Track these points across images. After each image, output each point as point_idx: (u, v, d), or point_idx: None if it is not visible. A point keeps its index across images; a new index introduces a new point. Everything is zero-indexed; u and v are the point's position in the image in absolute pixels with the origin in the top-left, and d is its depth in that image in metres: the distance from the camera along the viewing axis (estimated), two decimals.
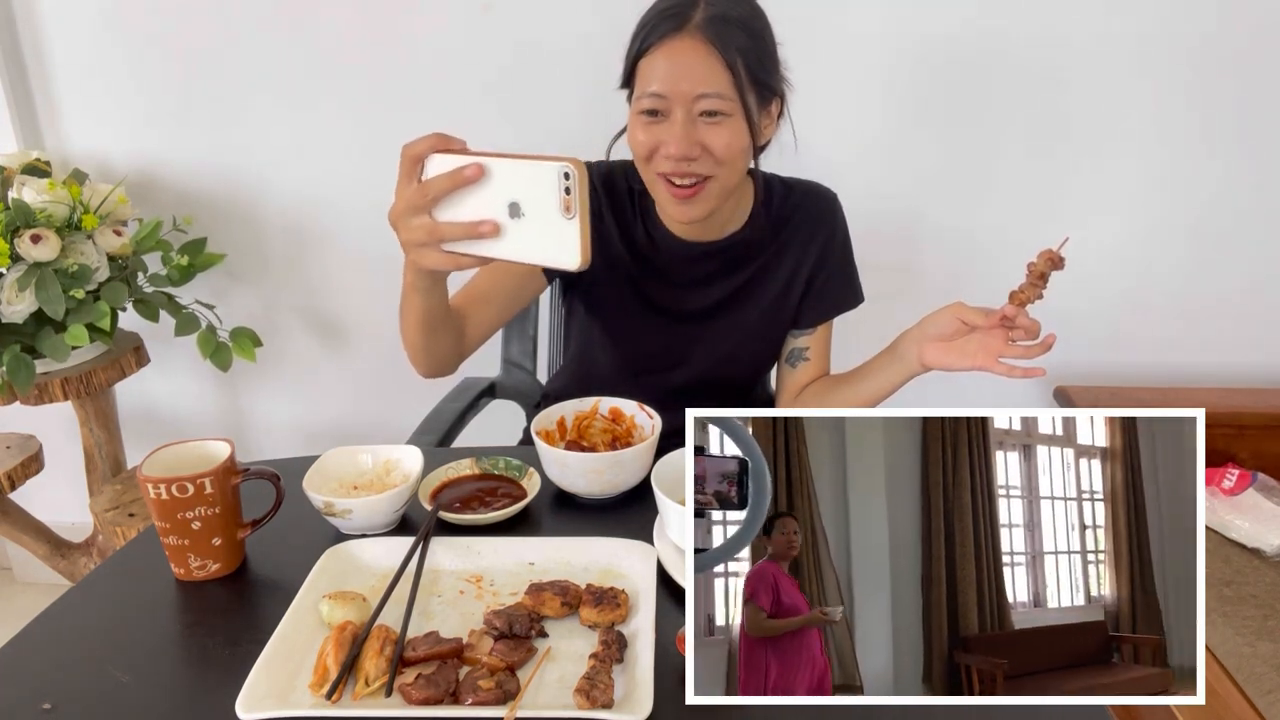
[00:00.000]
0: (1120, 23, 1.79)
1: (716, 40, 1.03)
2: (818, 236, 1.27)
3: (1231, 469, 1.67)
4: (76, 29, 1.89)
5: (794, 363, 1.33)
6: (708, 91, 1.04)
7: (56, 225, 1.69)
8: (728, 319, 1.28)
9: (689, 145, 1.06)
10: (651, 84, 1.06)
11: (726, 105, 1.06)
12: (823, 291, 1.29)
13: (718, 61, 1.04)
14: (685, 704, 0.68)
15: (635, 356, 1.29)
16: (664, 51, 1.05)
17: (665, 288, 1.27)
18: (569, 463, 1.03)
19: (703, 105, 1.05)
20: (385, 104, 1.91)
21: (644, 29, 1.08)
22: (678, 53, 1.04)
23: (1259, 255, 1.96)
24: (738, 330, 1.29)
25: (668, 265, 1.26)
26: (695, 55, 1.04)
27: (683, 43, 1.04)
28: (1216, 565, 1.54)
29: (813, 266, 1.28)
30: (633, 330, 1.30)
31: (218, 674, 0.78)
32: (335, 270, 2.07)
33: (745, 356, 1.32)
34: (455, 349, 1.17)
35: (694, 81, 1.04)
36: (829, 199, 1.30)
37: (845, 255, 1.31)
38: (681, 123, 1.05)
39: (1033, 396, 2.11)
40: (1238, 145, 1.87)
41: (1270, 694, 1.29)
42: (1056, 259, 1.02)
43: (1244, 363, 2.05)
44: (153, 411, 2.24)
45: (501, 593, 0.89)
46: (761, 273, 1.27)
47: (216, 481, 0.89)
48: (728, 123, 1.07)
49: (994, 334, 1.06)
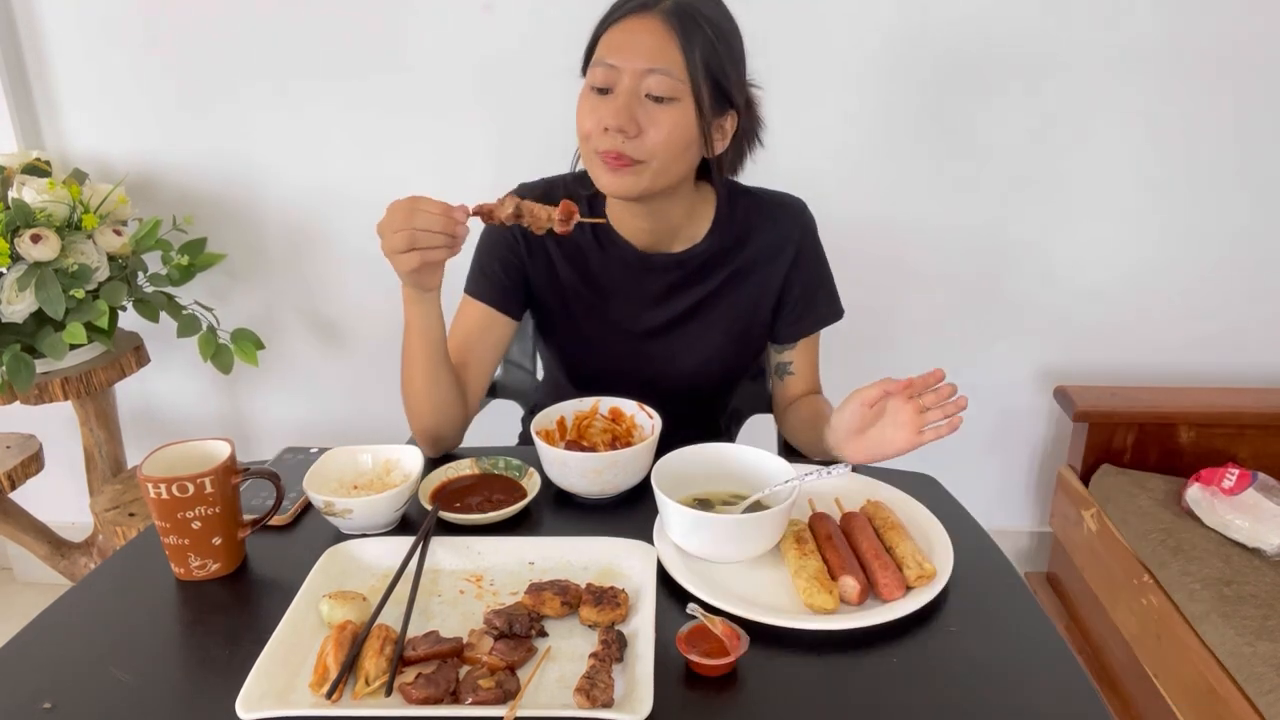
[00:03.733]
0: (1117, 21, 1.79)
1: (678, 25, 1.02)
2: (786, 248, 1.23)
3: (1231, 469, 1.67)
4: (76, 29, 1.89)
5: (780, 376, 1.31)
6: (657, 67, 1.02)
7: (56, 225, 1.69)
8: (690, 334, 1.25)
9: (626, 118, 1.02)
10: (605, 55, 1.04)
11: (675, 88, 1.02)
12: (798, 306, 1.25)
13: (674, 43, 1.02)
14: (685, 702, 0.68)
15: (599, 376, 1.25)
16: (623, 26, 1.04)
17: (623, 304, 1.24)
18: (569, 463, 1.03)
19: (650, 83, 1.02)
20: (385, 104, 1.91)
21: (609, 12, 1.07)
22: (636, 28, 1.03)
23: (1259, 255, 1.97)
24: (703, 345, 1.25)
25: (624, 279, 1.23)
26: (653, 32, 1.02)
27: (644, 21, 1.03)
28: (1216, 565, 1.54)
29: (783, 280, 1.24)
30: (593, 352, 1.28)
31: (218, 674, 0.78)
32: (335, 270, 2.07)
33: (713, 371, 1.28)
34: (459, 404, 1.15)
35: (647, 55, 1.02)
36: (797, 208, 1.26)
37: (818, 267, 1.27)
38: (624, 94, 1.03)
39: (1033, 396, 2.11)
40: (1238, 145, 1.88)
41: (1270, 694, 1.29)
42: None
43: (1244, 363, 2.05)
44: (153, 411, 2.24)
45: (501, 592, 0.89)
46: (726, 286, 1.23)
47: (216, 481, 0.89)
48: (673, 108, 1.03)
49: (903, 409, 1.02)
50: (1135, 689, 1.70)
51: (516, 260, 1.23)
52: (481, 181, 1.90)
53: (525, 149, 1.91)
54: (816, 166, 1.91)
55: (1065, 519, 1.97)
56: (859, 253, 1.97)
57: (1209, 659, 1.42)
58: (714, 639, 0.78)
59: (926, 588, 0.87)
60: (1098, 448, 1.92)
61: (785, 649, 0.81)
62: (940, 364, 2.20)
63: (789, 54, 1.81)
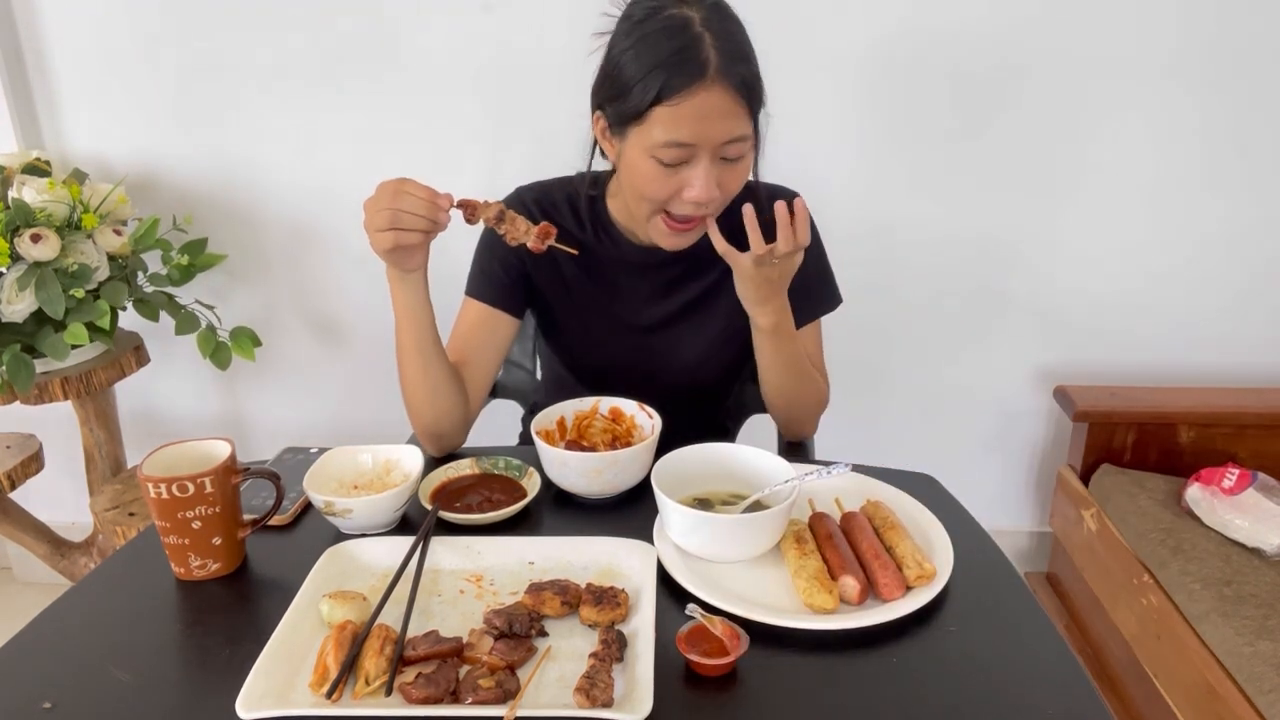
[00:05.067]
0: (1116, 22, 1.79)
1: (739, 86, 1.01)
2: None
3: (1231, 469, 1.67)
4: (76, 29, 1.88)
5: None
6: (736, 137, 1.04)
7: (56, 225, 1.69)
8: (692, 327, 1.26)
9: (713, 190, 1.06)
10: (678, 134, 1.02)
11: (747, 145, 1.06)
12: (797, 295, 1.24)
13: (743, 108, 1.03)
14: (685, 702, 0.68)
15: (602, 373, 1.26)
16: (692, 104, 1.01)
17: (625, 299, 1.25)
18: (569, 463, 1.03)
19: (728, 151, 1.05)
20: (385, 104, 1.91)
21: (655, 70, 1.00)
22: (706, 104, 1.01)
23: (1259, 256, 1.97)
24: (704, 338, 1.27)
25: (626, 274, 1.24)
26: (723, 104, 1.01)
27: (710, 94, 1.00)
28: (1216, 565, 1.54)
29: None
30: (596, 347, 1.28)
31: (218, 674, 0.78)
32: (335, 270, 2.07)
33: (714, 364, 1.30)
34: (457, 396, 1.15)
35: (724, 130, 1.03)
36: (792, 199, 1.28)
37: (816, 256, 1.27)
38: (707, 169, 1.05)
39: (1033, 397, 2.11)
40: (1237, 146, 1.88)
41: (1270, 694, 1.29)
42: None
43: (1244, 363, 2.05)
44: (153, 411, 2.24)
45: (501, 592, 0.89)
46: (726, 279, 1.22)
47: (216, 481, 0.89)
48: (743, 162, 1.08)
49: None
50: (1135, 689, 1.70)
51: (515, 259, 1.24)
52: (480, 182, 1.89)
53: (524, 150, 1.92)
54: (815, 167, 1.91)
55: (1065, 519, 1.97)
56: (859, 253, 1.98)
57: (1209, 659, 1.42)
58: (714, 639, 0.78)
59: (926, 587, 0.87)
60: (1098, 448, 1.92)
61: (785, 649, 0.81)
62: (940, 363, 2.21)
63: (787, 54, 1.81)
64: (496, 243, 1.24)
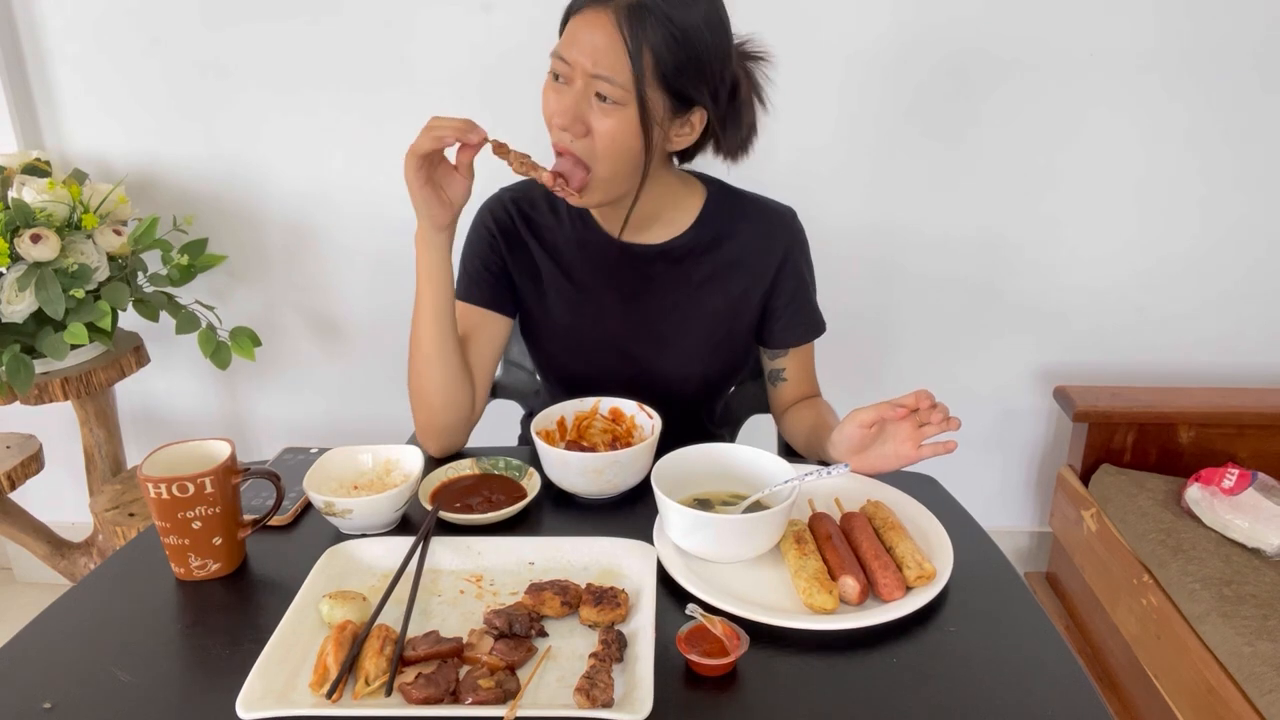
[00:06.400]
0: (1114, 21, 1.79)
1: (628, 27, 0.99)
2: (773, 254, 1.22)
3: (1231, 469, 1.67)
4: (77, 29, 1.88)
5: (774, 382, 1.31)
6: (601, 74, 1.01)
7: (56, 225, 1.69)
8: (670, 335, 1.24)
9: (572, 119, 1.04)
10: (561, 47, 1.04)
11: (619, 94, 1.01)
12: (786, 314, 1.25)
13: (622, 47, 1.00)
14: (685, 702, 0.68)
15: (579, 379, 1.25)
16: (581, 19, 1.02)
17: (602, 298, 1.23)
18: (569, 463, 1.03)
19: (599, 86, 1.02)
20: (385, 104, 1.91)
21: None
22: (590, 25, 1.01)
23: (1258, 256, 1.97)
24: (681, 350, 1.24)
25: (603, 271, 1.22)
26: (603, 34, 1.00)
27: (598, 17, 1.00)
28: (1216, 565, 1.54)
29: (769, 286, 1.23)
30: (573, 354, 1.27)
31: (218, 674, 0.78)
32: (335, 270, 2.07)
33: (693, 377, 1.27)
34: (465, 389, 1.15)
35: (594, 58, 1.01)
36: (784, 216, 1.25)
37: (802, 280, 1.25)
38: (573, 95, 1.03)
39: (1033, 396, 2.11)
40: (1236, 145, 1.88)
41: (1270, 694, 1.29)
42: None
43: (1244, 363, 2.05)
44: (153, 411, 2.24)
45: (501, 592, 0.89)
46: (708, 283, 1.22)
47: (217, 481, 0.89)
48: (617, 113, 1.03)
49: (902, 426, 1.03)
50: (1135, 689, 1.70)
51: (497, 257, 1.24)
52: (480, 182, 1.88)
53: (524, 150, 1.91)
54: (814, 168, 1.90)
55: (1065, 519, 1.97)
56: (859, 255, 1.98)
57: (1209, 659, 1.42)
58: (714, 639, 0.78)
59: (926, 588, 0.87)
60: (1097, 448, 1.92)
61: (785, 649, 0.81)
62: (940, 364, 2.21)
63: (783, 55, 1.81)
64: (476, 243, 1.25)
